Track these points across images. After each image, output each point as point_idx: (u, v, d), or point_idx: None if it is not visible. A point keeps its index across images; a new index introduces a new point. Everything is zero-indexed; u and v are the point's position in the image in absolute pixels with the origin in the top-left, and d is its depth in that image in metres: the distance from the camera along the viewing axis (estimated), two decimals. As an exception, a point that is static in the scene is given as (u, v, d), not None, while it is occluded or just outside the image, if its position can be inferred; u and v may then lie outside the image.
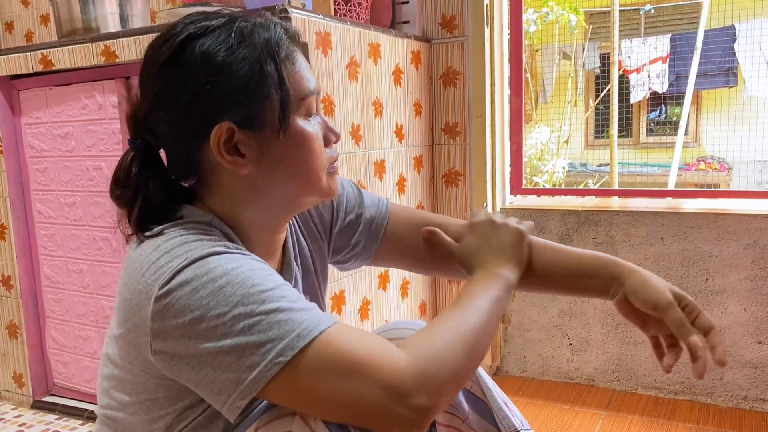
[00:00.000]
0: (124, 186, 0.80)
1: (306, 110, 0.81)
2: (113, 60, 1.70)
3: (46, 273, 2.02)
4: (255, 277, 0.69)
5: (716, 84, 5.13)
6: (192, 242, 0.73)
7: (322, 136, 0.83)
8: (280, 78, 0.77)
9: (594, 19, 5.63)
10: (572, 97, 5.28)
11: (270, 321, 0.67)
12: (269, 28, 0.79)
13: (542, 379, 2.16)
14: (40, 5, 2.72)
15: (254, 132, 0.77)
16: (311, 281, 1.01)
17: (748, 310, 1.86)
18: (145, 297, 0.70)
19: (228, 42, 0.76)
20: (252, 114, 0.76)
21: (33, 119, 1.94)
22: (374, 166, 1.83)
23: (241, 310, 0.67)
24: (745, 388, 1.89)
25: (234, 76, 0.75)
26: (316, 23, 1.55)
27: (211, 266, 0.69)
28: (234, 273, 0.69)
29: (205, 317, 0.67)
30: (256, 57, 0.76)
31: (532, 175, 4.65)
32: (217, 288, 0.68)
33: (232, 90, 0.75)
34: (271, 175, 0.80)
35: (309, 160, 0.81)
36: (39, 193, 1.98)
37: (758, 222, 1.82)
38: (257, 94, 0.76)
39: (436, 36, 2.10)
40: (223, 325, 0.67)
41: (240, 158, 0.78)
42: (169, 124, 0.78)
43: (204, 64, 0.75)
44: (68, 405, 2.02)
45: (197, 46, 0.75)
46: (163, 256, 0.72)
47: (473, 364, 0.75)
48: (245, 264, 0.71)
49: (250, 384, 0.66)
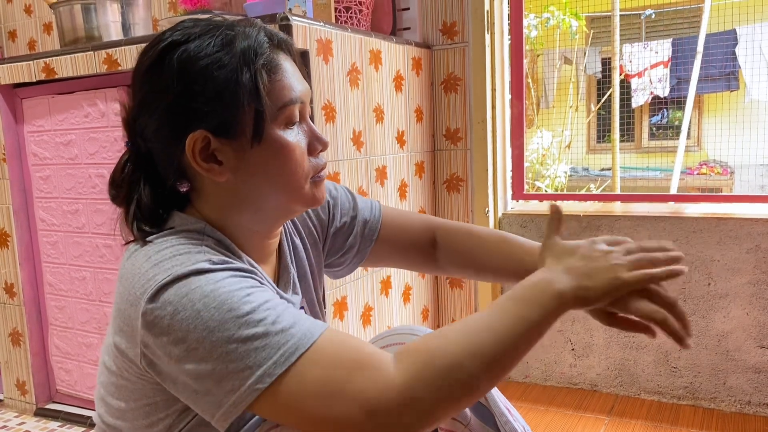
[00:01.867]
0: (118, 186, 0.82)
1: (287, 119, 0.80)
2: (115, 68, 1.71)
3: (48, 280, 2.02)
4: (232, 301, 0.68)
5: (718, 88, 5.13)
6: (181, 255, 0.73)
7: (307, 144, 0.83)
8: (255, 87, 0.76)
9: (595, 23, 5.64)
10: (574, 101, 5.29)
11: (247, 348, 0.66)
12: (251, 35, 0.78)
13: (545, 385, 2.16)
14: (43, 14, 2.73)
15: (230, 140, 0.78)
16: (308, 282, 1.01)
17: (750, 314, 1.86)
18: (135, 309, 0.71)
19: (207, 50, 0.76)
20: (227, 122, 0.77)
21: (36, 127, 1.95)
22: (375, 172, 1.83)
23: (218, 337, 0.67)
24: (748, 393, 1.89)
25: (210, 84, 0.76)
26: (317, 30, 1.55)
27: (192, 287, 0.69)
28: (211, 296, 0.68)
29: (185, 339, 0.68)
30: (233, 66, 0.76)
31: (534, 180, 4.64)
32: (195, 312, 0.68)
33: (207, 98, 0.76)
34: (251, 182, 0.80)
35: (287, 169, 0.80)
36: (42, 201, 1.99)
37: (760, 226, 1.82)
38: (231, 103, 0.76)
39: (437, 42, 2.11)
40: (202, 349, 0.67)
41: (217, 166, 0.78)
42: (153, 129, 0.79)
43: (182, 71, 0.76)
44: (71, 412, 2.02)
45: (177, 53, 0.76)
46: (151, 268, 0.72)
47: (483, 389, 0.69)
48: (224, 285, 0.70)
49: (231, 408, 0.67)
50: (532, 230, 2.10)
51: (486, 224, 2.10)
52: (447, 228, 1.08)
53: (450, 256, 1.07)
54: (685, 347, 0.76)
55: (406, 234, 1.07)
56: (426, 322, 2.16)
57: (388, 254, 1.09)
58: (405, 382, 0.65)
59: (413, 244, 1.08)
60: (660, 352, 1.98)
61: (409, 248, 1.08)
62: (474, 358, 0.67)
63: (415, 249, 1.08)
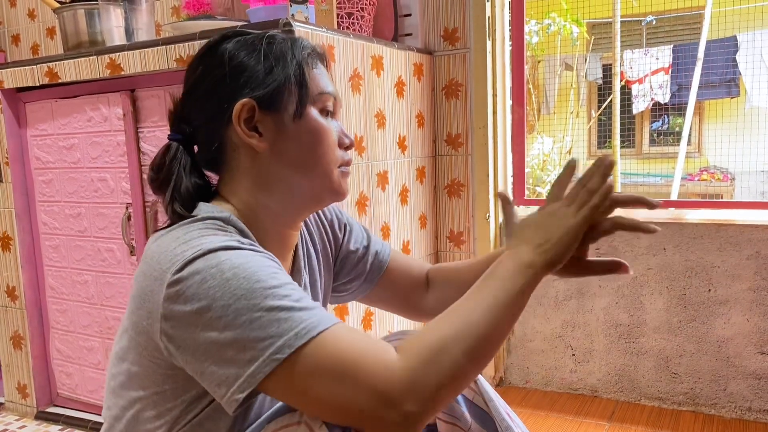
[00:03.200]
0: (158, 171, 0.88)
1: (323, 106, 0.87)
2: (118, 73, 1.71)
3: (50, 284, 2.03)
4: (261, 274, 0.71)
5: (718, 94, 5.14)
6: (208, 236, 0.76)
7: (338, 135, 0.89)
8: (300, 68, 0.85)
9: (596, 30, 5.65)
10: (575, 107, 5.30)
11: (270, 318, 0.69)
12: (299, 40, 0.89)
13: (545, 390, 2.16)
14: (46, 18, 2.75)
15: (272, 113, 0.84)
16: (316, 291, 1.03)
17: (751, 320, 1.86)
18: (159, 282, 0.73)
19: (258, 41, 0.86)
20: (272, 95, 0.84)
21: (39, 131, 1.96)
22: (377, 177, 1.84)
23: (244, 304, 0.69)
24: (748, 399, 1.89)
25: (259, 65, 0.84)
26: (319, 36, 1.56)
27: (221, 259, 0.72)
28: (241, 267, 0.71)
29: (210, 307, 0.69)
30: (281, 50, 0.85)
31: (534, 186, 4.65)
32: (224, 280, 0.70)
33: (255, 73, 0.84)
34: (285, 159, 0.85)
35: (319, 150, 0.86)
36: (44, 205, 1.99)
37: (760, 232, 1.83)
38: (278, 77, 0.84)
39: (439, 48, 2.12)
40: (226, 317, 0.69)
41: (258, 135, 0.84)
42: (199, 107, 0.86)
43: (235, 52, 0.85)
44: (72, 416, 2.03)
45: (231, 42, 0.86)
46: (179, 246, 0.75)
47: (475, 366, 0.73)
48: (254, 260, 0.73)
49: (248, 378, 0.68)
50: (533, 236, 2.10)
51: (487, 230, 2.10)
52: (438, 266, 1.15)
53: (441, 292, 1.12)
54: (652, 231, 0.81)
55: (409, 275, 1.13)
56: (427, 327, 2.16)
57: (390, 293, 1.13)
58: (407, 367, 0.68)
59: (412, 287, 1.13)
60: (661, 358, 1.98)
61: (408, 290, 1.13)
62: (468, 337, 0.71)
63: (413, 291, 1.13)
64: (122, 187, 1.82)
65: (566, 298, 2.09)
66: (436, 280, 1.13)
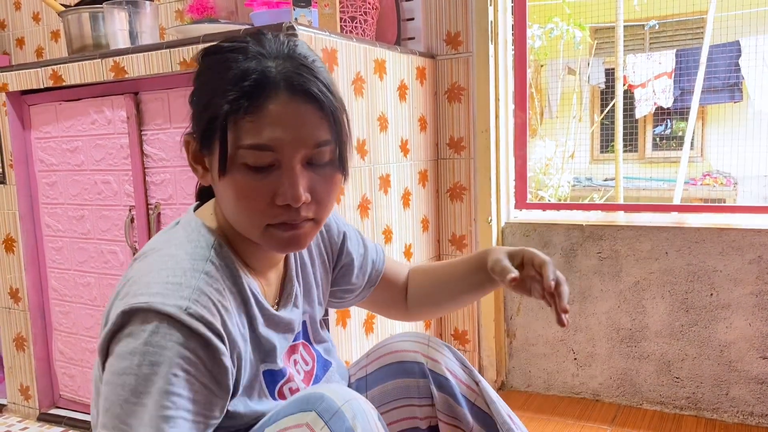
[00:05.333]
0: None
1: (254, 159, 0.77)
2: (122, 76, 1.72)
3: (53, 286, 2.03)
4: (158, 377, 0.71)
5: (721, 99, 5.13)
6: (173, 284, 0.76)
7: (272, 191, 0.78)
8: (225, 117, 0.77)
9: (599, 34, 5.65)
10: (577, 111, 5.30)
11: (136, 410, 0.71)
12: (260, 62, 0.77)
13: (547, 394, 2.16)
14: (51, 21, 2.76)
15: (204, 154, 0.82)
16: (311, 298, 1.01)
17: (753, 325, 1.86)
18: (114, 304, 0.78)
19: (220, 63, 0.79)
20: (203, 135, 0.81)
21: (43, 133, 1.97)
22: (379, 180, 1.84)
23: (131, 386, 0.71)
24: (751, 403, 1.89)
25: (202, 93, 0.81)
26: (322, 40, 1.57)
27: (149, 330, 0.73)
28: (148, 353, 0.72)
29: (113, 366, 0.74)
30: (223, 87, 0.77)
31: (537, 190, 4.65)
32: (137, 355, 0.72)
33: (196, 104, 0.82)
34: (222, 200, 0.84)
35: (237, 208, 0.80)
36: (48, 207, 2.00)
37: (762, 237, 1.83)
38: (207, 117, 0.79)
39: (441, 52, 2.12)
40: (114, 384, 0.73)
41: (201, 169, 0.85)
42: None
43: (197, 77, 0.83)
44: (74, 418, 2.03)
45: (202, 60, 0.83)
46: (140, 285, 0.76)
47: None
48: (168, 354, 0.72)
49: None
50: (535, 239, 2.10)
51: (489, 233, 2.10)
52: (418, 265, 1.17)
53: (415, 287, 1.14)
54: None
55: (398, 279, 1.14)
56: (429, 330, 2.16)
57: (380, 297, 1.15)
58: None
59: (399, 290, 1.14)
60: (662, 362, 1.98)
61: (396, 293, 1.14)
62: None
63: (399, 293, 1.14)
64: (125, 189, 1.82)
65: (568, 302, 2.09)
66: (413, 277, 1.14)
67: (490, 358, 2.17)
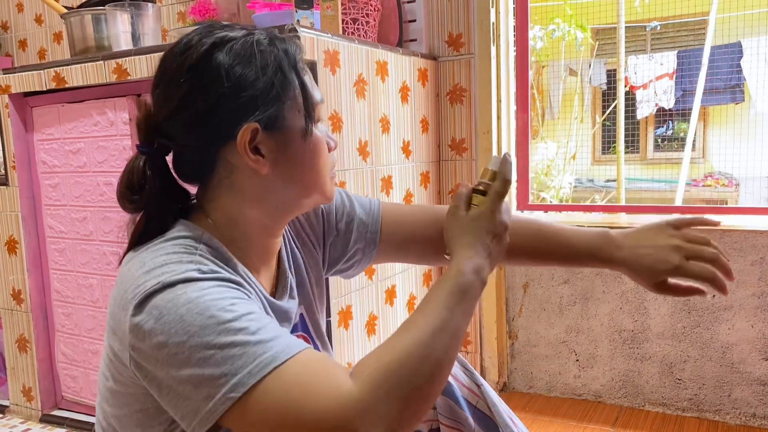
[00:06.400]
0: (140, 190, 0.83)
1: (318, 116, 0.87)
2: (125, 77, 1.73)
3: (56, 287, 2.04)
4: (215, 308, 0.70)
5: (723, 100, 5.13)
6: (172, 263, 0.75)
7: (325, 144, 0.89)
8: (302, 85, 0.83)
9: (600, 35, 5.65)
10: (579, 113, 5.30)
11: (224, 355, 0.68)
12: (285, 40, 0.85)
13: (549, 396, 2.16)
14: (53, 23, 2.77)
15: (275, 134, 0.81)
16: (305, 289, 1.02)
17: (755, 326, 1.86)
18: (125, 313, 0.73)
19: (251, 50, 0.80)
20: (275, 116, 0.81)
21: (45, 135, 1.97)
22: (381, 181, 1.84)
23: (197, 342, 0.68)
24: (753, 405, 1.88)
25: (259, 81, 0.79)
26: (324, 42, 1.57)
27: (178, 293, 0.71)
28: (196, 302, 0.70)
29: (167, 344, 0.69)
30: (278, 65, 0.81)
31: (539, 191, 4.65)
32: (179, 317, 0.69)
33: (256, 94, 0.79)
34: (285, 175, 0.84)
35: (319, 164, 0.86)
36: (50, 208, 2.00)
37: (765, 238, 1.82)
38: (281, 98, 0.81)
39: (443, 54, 2.13)
40: (182, 354, 0.68)
41: (261, 158, 0.81)
42: (191, 126, 0.80)
43: (229, 69, 0.78)
44: (76, 419, 2.03)
45: (223, 52, 0.79)
46: (143, 275, 0.74)
47: (435, 379, 0.71)
48: (210, 293, 0.71)
49: (207, 414, 0.68)
50: (537, 241, 2.10)
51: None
52: None
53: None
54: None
55: (411, 230, 1.07)
56: (430, 331, 2.16)
57: (395, 251, 1.09)
58: (360, 398, 0.66)
59: (422, 240, 1.07)
60: (665, 364, 1.98)
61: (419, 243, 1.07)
62: (423, 358, 0.69)
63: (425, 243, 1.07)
64: (128, 191, 1.83)
65: (570, 304, 2.09)
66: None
67: (492, 359, 2.17)
